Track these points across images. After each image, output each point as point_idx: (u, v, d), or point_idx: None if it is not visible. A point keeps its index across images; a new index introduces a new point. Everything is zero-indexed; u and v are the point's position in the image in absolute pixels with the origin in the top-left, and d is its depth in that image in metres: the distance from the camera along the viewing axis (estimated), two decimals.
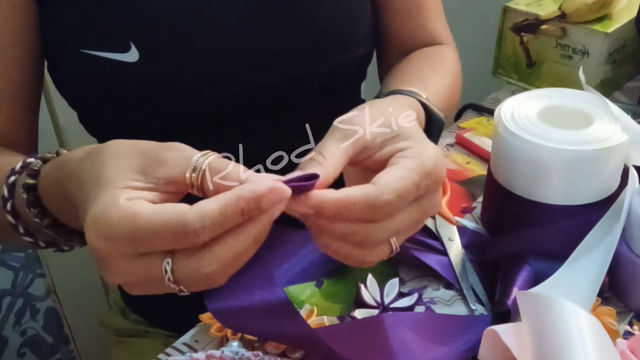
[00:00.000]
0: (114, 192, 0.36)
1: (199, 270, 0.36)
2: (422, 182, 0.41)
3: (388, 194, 0.39)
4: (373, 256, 0.43)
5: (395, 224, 0.41)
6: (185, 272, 0.36)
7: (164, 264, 0.36)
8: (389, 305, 0.53)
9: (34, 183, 0.47)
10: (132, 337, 0.81)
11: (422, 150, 0.43)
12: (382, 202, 0.39)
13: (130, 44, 0.58)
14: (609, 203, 0.53)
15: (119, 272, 0.37)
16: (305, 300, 0.55)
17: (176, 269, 0.36)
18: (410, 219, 0.42)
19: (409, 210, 0.42)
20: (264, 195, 0.35)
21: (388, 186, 0.40)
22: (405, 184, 0.40)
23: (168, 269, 0.36)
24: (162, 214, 0.35)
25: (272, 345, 0.50)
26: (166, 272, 0.36)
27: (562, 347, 0.40)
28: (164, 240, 0.35)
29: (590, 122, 0.54)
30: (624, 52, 0.82)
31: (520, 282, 0.51)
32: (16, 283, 0.82)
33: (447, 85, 0.66)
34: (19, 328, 0.84)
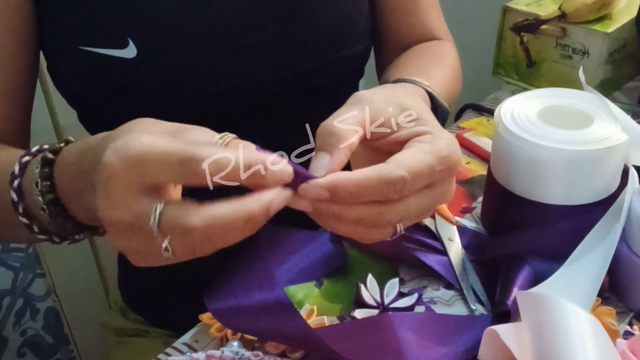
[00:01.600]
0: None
1: (181, 219, 0.36)
2: (436, 166, 0.41)
3: (401, 169, 0.39)
4: (375, 235, 0.43)
5: (406, 207, 0.41)
6: (169, 219, 0.36)
7: (155, 205, 0.36)
8: (389, 305, 0.53)
9: (52, 158, 0.47)
10: (132, 336, 0.81)
11: (439, 136, 0.43)
12: (395, 177, 0.39)
13: (128, 40, 0.58)
14: (609, 203, 0.53)
15: (116, 202, 0.37)
16: (305, 300, 0.55)
17: (163, 214, 0.36)
18: (421, 203, 0.42)
19: (421, 194, 0.41)
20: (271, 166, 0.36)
21: (402, 163, 0.40)
22: (419, 164, 0.40)
23: (158, 209, 0.36)
24: (173, 145, 0.36)
25: (272, 345, 0.50)
26: (155, 212, 0.36)
27: (562, 347, 0.40)
28: (171, 168, 0.36)
29: (590, 122, 0.54)
30: (624, 52, 0.82)
31: (520, 282, 0.51)
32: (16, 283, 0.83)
33: (448, 77, 0.67)
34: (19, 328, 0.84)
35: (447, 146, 0.42)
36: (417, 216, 0.43)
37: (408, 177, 0.39)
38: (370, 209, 0.40)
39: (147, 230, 0.37)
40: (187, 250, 0.38)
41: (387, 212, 0.40)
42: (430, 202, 0.42)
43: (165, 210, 0.36)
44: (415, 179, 0.40)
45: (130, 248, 0.39)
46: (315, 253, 0.58)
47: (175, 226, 0.36)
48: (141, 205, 0.37)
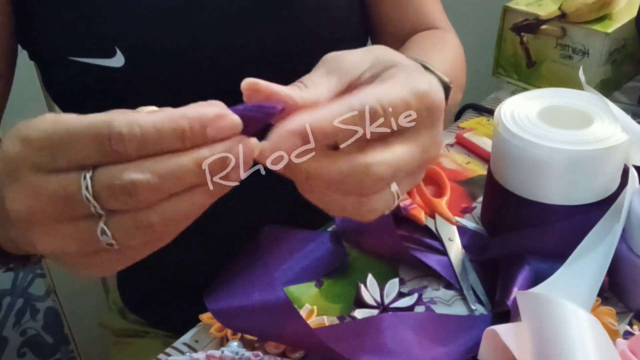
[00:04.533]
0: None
1: (120, 176, 0.30)
2: (412, 102, 0.35)
3: (372, 100, 0.34)
4: (374, 203, 0.37)
5: (393, 155, 0.35)
6: (105, 179, 0.30)
7: (83, 174, 0.31)
8: (389, 305, 0.53)
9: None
10: (131, 337, 0.81)
11: (416, 75, 0.37)
12: (368, 107, 0.34)
13: (115, 48, 0.57)
14: (609, 203, 0.53)
15: (26, 189, 0.31)
16: (305, 300, 0.55)
17: (96, 178, 0.31)
18: (408, 154, 0.36)
19: (405, 140, 0.36)
20: (212, 120, 0.31)
21: (370, 94, 0.34)
22: (393, 96, 0.35)
23: (88, 176, 0.31)
24: (87, 117, 0.31)
25: (272, 345, 0.50)
26: (84, 180, 0.31)
27: (562, 347, 0.40)
28: (85, 145, 0.30)
29: (590, 122, 0.54)
30: (624, 52, 0.82)
31: (520, 282, 0.51)
32: (16, 283, 0.83)
33: (450, 59, 0.64)
34: (19, 328, 0.84)
35: (426, 83, 0.36)
36: (409, 172, 0.37)
37: (379, 108, 0.34)
38: (352, 161, 0.34)
39: (73, 213, 0.31)
40: (130, 231, 0.31)
41: (373, 164, 0.35)
42: (417, 151, 0.37)
43: (97, 174, 0.31)
44: (388, 114, 0.34)
45: (58, 247, 0.32)
46: (315, 253, 0.58)
47: (114, 186, 0.30)
48: (62, 180, 0.31)
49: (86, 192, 0.31)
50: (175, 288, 0.75)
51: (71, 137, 0.30)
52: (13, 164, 0.32)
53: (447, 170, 0.69)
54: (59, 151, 0.31)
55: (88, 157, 0.31)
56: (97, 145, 0.30)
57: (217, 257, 0.54)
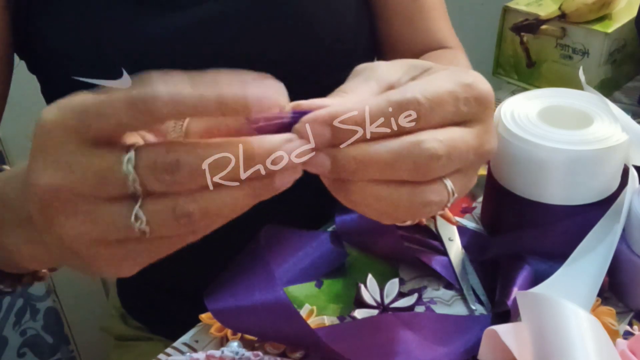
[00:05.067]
0: None
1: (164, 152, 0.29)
2: (460, 94, 0.33)
3: (414, 92, 0.32)
4: (427, 195, 0.33)
5: (445, 133, 0.33)
6: (149, 155, 0.29)
7: (126, 150, 0.29)
8: (389, 305, 0.53)
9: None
10: (132, 341, 0.81)
11: (458, 71, 0.35)
12: (408, 99, 0.32)
13: (122, 70, 0.57)
14: (609, 203, 0.53)
15: (63, 162, 0.29)
16: (305, 300, 0.55)
17: (140, 154, 0.29)
18: (462, 137, 0.34)
19: (459, 130, 0.34)
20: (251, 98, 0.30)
21: (413, 86, 0.33)
22: (436, 88, 0.33)
23: (132, 151, 0.29)
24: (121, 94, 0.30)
25: (272, 345, 0.50)
26: (127, 154, 0.29)
27: (562, 347, 0.40)
28: (119, 110, 0.29)
29: (590, 122, 0.54)
30: (624, 52, 0.82)
31: (520, 282, 0.51)
32: None
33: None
34: (19, 328, 0.84)
35: (472, 75, 0.35)
36: (467, 160, 0.34)
37: (423, 99, 0.32)
38: (402, 139, 0.32)
39: (107, 192, 0.29)
40: (166, 218, 0.30)
41: (425, 140, 0.32)
42: (472, 138, 0.34)
43: (140, 150, 0.29)
44: (433, 106, 0.32)
45: (83, 231, 0.30)
46: (315, 253, 0.58)
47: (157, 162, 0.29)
48: (101, 155, 0.29)
49: (129, 166, 0.29)
50: (175, 294, 0.75)
51: (104, 104, 0.29)
52: (47, 132, 0.29)
53: None
54: (94, 118, 0.29)
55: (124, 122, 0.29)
56: (131, 108, 0.29)
57: (216, 262, 0.54)
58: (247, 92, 0.31)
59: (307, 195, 0.69)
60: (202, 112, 0.30)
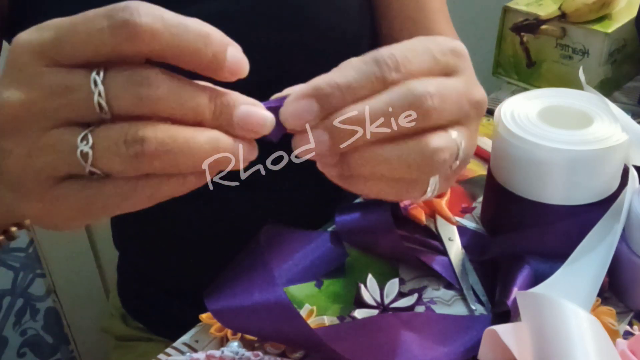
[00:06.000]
0: None
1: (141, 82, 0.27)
2: (433, 46, 0.34)
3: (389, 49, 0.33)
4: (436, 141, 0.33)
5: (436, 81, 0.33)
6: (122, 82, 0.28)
7: (94, 72, 0.28)
8: (389, 305, 0.53)
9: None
10: (133, 341, 0.81)
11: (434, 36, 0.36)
12: (383, 55, 0.32)
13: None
14: (609, 203, 0.53)
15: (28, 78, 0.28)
16: (305, 300, 0.55)
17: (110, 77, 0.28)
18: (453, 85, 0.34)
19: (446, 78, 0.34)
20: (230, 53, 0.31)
21: (389, 47, 0.33)
22: (409, 45, 0.33)
23: (98, 79, 0.27)
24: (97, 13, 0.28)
25: (272, 345, 0.50)
26: (97, 74, 0.28)
27: (562, 347, 0.40)
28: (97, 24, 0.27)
29: (590, 122, 0.54)
30: (624, 52, 0.82)
31: (520, 282, 0.51)
32: (16, 283, 0.83)
33: None
34: (19, 328, 0.84)
35: (450, 40, 0.36)
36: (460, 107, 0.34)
37: (397, 52, 0.32)
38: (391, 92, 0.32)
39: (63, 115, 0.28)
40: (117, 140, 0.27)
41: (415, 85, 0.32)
42: (462, 87, 0.35)
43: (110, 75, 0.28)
44: (409, 56, 0.33)
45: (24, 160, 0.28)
46: (315, 253, 0.58)
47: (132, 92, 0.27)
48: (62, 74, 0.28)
49: (96, 76, 0.28)
50: (175, 294, 0.75)
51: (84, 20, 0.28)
52: (18, 50, 0.28)
53: None
54: (71, 32, 0.28)
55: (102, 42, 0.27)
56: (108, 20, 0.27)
57: (216, 262, 0.54)
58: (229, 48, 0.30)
59: (307, 195, 0.69)
60: (183, 48, 0.28)
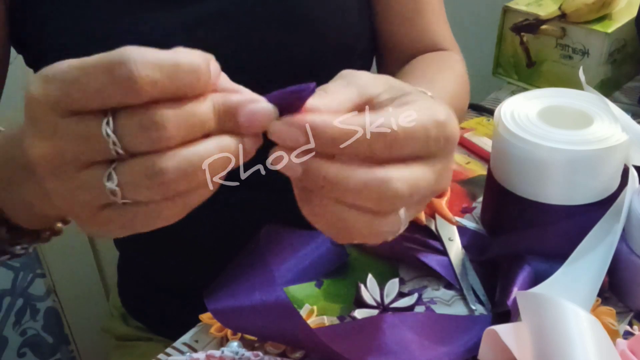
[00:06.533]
0: None
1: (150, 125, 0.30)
2: (431, 130, 0.35)
3: (392, 121, 0.33)
4: (383, 226, 0.35)
5: (411, 174, 0.34)
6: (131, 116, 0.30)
7: (104, 122, 0.30)
8: (389, 305, 0.53)
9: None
10: (133, 341, 0.81)
11: (434, 103, 0.37)
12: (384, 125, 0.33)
13: None
14: (609, 203, 0.53)
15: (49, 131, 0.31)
16: (305, 300, 0.55)
17: (119, 116, 0.30)
18: (425, 177, 0.35)
19: (424, 164, 0.35)
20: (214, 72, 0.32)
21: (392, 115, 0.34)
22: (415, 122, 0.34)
23: (110, 116, 0.30)
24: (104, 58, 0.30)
25: (272, 345, 0.50)
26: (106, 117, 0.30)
27: (562, 347, 0.40)
28: (98, 76, 0.29)
29: (590, 122, 0.54)
30: (624, 52, 0.82)
31: (520, 282, 0.51)
32: (16, 283, 0.83)
33: (451, 87, 0.63)
34: (19, 328, 0.84)
35: (444, 113, 0.36)
36: (423, 196, 0.36)
37: (400, 131, 0.33)
38: (374, 172, 0.33)
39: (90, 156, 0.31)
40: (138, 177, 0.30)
41: (393, 178, 0.33)
42: (433, 177, 0.36)
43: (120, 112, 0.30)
44: (407, 138, 0.34)
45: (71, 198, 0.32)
46: (315, 253, 0.58)
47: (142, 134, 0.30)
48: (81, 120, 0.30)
49: (107, 128, 0.30)
50: (175, 294, 0.75)
51: (85, 73, 0.30)
52: (33, 105, 0.31)
53: None
54: (76, 87, 0.30)
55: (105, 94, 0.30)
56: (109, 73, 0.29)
57: (216, 262, 0.54)
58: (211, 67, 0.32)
59: None
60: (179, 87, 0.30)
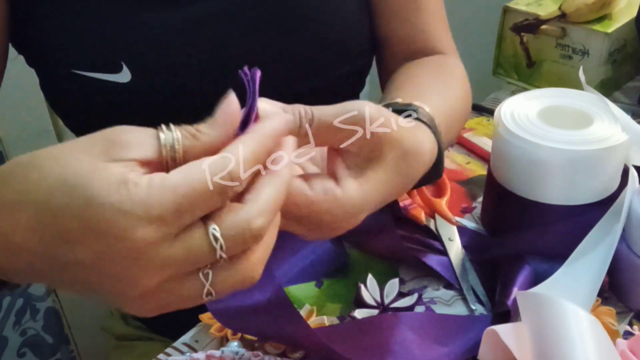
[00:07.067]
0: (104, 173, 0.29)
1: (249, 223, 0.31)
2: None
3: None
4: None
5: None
6: (235, 231, 0.30)
7: (210, 229, 0.30)
8: (389, 305, 0.53)
9: None
10: (133, 341, 0.81)
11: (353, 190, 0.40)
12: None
13: (122, 64, 0.56)
14: (609, 203, 0.53)
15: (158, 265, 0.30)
16: (305, 300, 0.55)
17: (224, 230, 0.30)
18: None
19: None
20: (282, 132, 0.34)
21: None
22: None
23: (217, 235, 0.30)
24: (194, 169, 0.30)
25: (272, 345, 0.50)
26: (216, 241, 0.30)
27: (562, 347, 0.40)
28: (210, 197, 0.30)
29: (590, 122, 0.54)
30: (624, 52, 0.82)
31: (520, 282, 0.51)
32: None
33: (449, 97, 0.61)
34: (19, 328, 0.84)
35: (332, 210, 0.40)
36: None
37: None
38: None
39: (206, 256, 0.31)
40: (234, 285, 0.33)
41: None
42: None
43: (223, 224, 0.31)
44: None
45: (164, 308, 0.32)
46: (315, 253, 0.58)
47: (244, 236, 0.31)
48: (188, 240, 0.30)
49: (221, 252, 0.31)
50: None
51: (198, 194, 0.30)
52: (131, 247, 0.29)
53: (447, 170, 0.69)
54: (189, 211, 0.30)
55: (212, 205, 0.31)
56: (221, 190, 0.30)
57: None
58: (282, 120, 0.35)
59: None
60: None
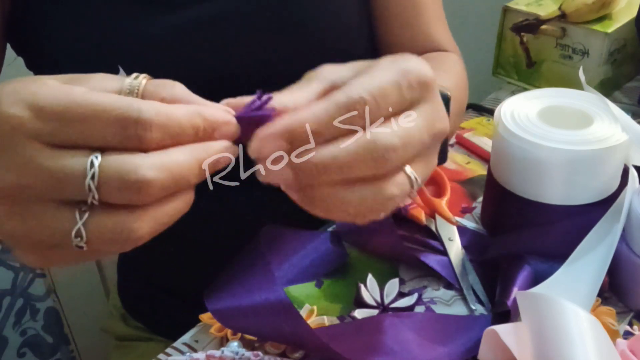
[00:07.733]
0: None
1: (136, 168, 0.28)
2: (402, 81, 0.33)
3: (359, 90, 0.32)
4: (391, 188, 0.34)
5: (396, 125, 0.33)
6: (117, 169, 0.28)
7: (90, 159, 0.28)
8: (389, 305, 0.53)
9: None
10: (133, 341, 0.81)
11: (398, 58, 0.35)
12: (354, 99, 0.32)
13: (119, 68, 0.57)
14: (609, 203, 0.53)
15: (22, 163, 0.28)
16: (305, 300, 0.55)
17: (106, 162, 0.28)
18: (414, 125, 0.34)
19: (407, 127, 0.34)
20: (222, 124, 0.32)
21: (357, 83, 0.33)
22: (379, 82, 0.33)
23: (96, 163, 0.28)
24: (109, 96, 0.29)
25: (272, 345, 0.50)
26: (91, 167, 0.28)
27: (562, 347, 0.40)
28: (107, 124, 0.28)
29: (590, 122, 0.54)
30: (624, 52, 0.82)
31: (520, 282, 0.51)
32: (16, 283, 0.83)
33: (454, 81, 0.62)
34: (19, 328, 0.84)
35: (412, 60, 0.35)
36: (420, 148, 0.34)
37: (368, 96, 0.32)
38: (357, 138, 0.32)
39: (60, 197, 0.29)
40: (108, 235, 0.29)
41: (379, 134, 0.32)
42: (423, 124, 0.34)
43: (106, 159, 0.28)
44: (379, 100, 0.32)
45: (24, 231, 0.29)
46: (315, 253, 0.58)
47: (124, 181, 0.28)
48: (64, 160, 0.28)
49: (90, 181, 0.28)
50: (175, 294, 0.75)
51: (94, 113, 0.28)
52: (10, 130, 0.28)
53: (447, 170, 0.69)
54: (74, 125, 0.28)
55: (104, 137, 0.28)
56: (121, 127, 0.28)
57: (216, 263, 0.54)
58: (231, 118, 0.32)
59: None
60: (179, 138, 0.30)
